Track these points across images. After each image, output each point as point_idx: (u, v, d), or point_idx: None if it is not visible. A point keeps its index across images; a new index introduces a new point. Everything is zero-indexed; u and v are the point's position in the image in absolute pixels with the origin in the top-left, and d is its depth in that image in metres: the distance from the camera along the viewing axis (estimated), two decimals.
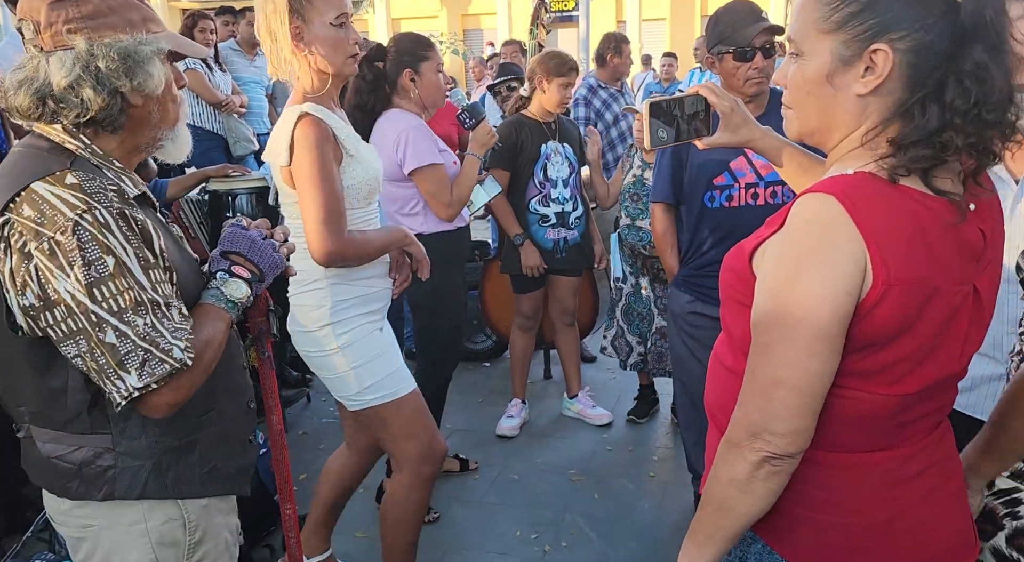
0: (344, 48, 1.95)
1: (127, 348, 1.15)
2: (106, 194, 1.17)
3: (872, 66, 0.98)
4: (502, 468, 3.29)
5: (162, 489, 1.31)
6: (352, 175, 1.98)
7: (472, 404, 3.94)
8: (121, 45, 1.20)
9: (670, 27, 19.11)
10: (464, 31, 21.33)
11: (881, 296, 0.94)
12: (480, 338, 4.44)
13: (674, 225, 2.51)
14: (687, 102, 1.31)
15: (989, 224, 1.06)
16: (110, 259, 1.15)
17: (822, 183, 1.00)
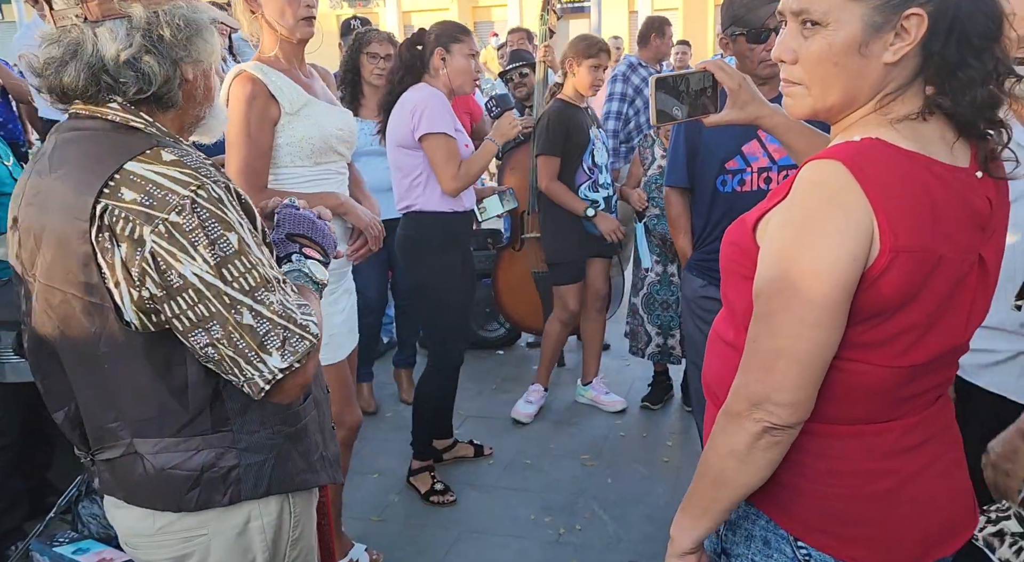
0: (293, 10, 1.98)
1: (265, 327, 1.06)
2: (207, 168, 1.07)
3: (902, 32, 0.96)
4: (516, 453, 3.31)
5: (286, 481, 1.23)
6: (292, 133, 2.03)
7: (486, 391, 3.96)
8: (182, 11, 1.10)
9: (683, 16, 18.98)
10: (475, 23, 21.28)
11: (888, 264, 0.93)
12: (493, 326, 4.45)
13: (688, 209, 2.51)
14: (694, 78, 1.29)
15: (995, 193, 1.05)
16: (232, 236, 1.05)
17: (829, 150, 0.98)
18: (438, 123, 2.67)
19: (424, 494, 2.96)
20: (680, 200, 2.51)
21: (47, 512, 2.31)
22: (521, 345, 4.56)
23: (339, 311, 2.24)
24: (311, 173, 2.11)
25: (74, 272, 1.07)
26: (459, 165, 2.72)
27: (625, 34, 18.71)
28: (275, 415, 1.20)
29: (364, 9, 21.80)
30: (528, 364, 4.31)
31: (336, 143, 2.12)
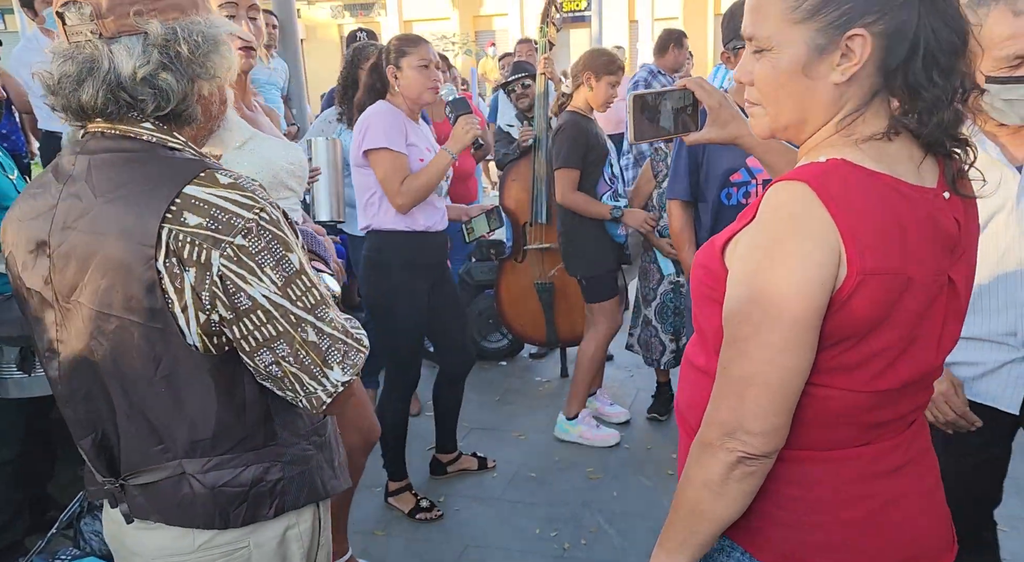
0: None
1: (327, 343, 1.10)
2: (260, 189, 1.09)
3: (848, 53, 0.95)
4: (520, 466, 3.29)
5: (320, 490, 1.25)
6: (237, 169, 1.89)
7: (489, 402, 3.94)
8: (199, 27, 1.09)
9: (683, 26, 19.02)
10: (476, 32, 21.34)
11: (856, 287, 0.91)
12: (496, 337, 4.44)
13: (692, 222, 2.51)
14: (673, 96, 1.29)
15: (963, 213, 1.03)
16: (293, 256, 1.08)
17: (794, 171, 0.96)
18: (379, 138, 2.63)
19: (408, 513, 2.93)
20: (683, 213, 2.51)
21: (48, 527, 2.29)
22: (524, 356, 4.54)
23: None
24: None
25: (137, 297, 1.06)
26: (401, 180, 2.64)
27: (626, 43, 18.77)
28: (308, 427, 1.24)
29: (366, 19, 21.88)
30: (531, 375, 4.30)
31: (286, 177, 1.99)
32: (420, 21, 21.25)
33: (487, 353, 4.42)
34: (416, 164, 2.70)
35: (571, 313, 3.92)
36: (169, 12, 1.08)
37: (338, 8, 21.46)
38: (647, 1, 18.22)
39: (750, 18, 1.02)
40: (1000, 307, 1.70)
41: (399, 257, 2.75)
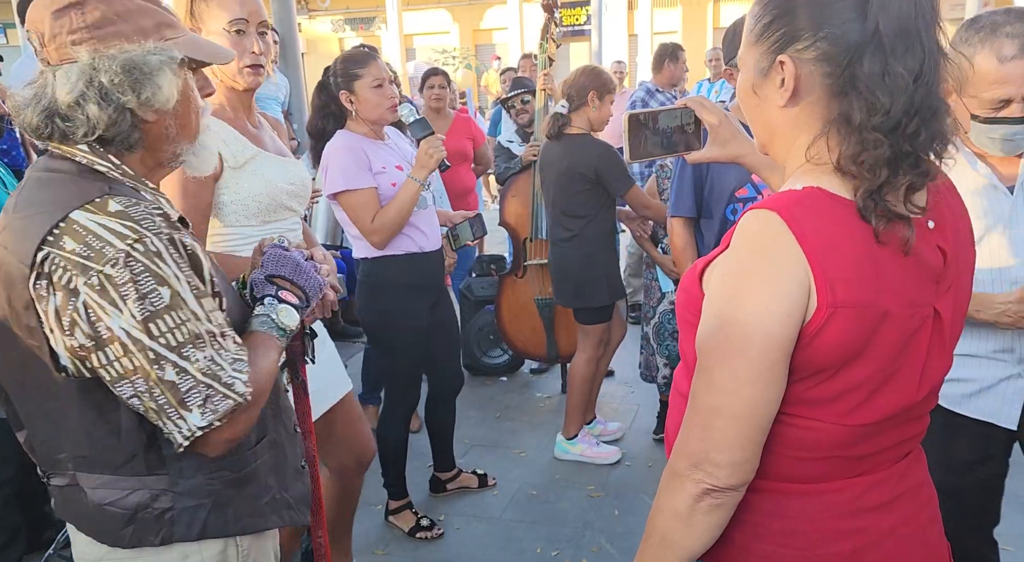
0: (237, 57, 1.80)
1: (188, 385, 1.07)
2: (153, 219, 1.09)
3: (784, 77, 0.95)
4: (521, 484, 3.27)
5: (222, 527, 1.22)
6: (237, 189, 1.86)
7: (489, 419, 3.92)
8: (126, 56, 1.10)
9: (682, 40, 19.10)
10: (476, 46, 21.44)
11: (826, 320, 0.89)
12: (496, 352, 4.43)
13: (694, 239, 2.50)
14: (672, 115, 1.27)
15: (952, 243, 1.00)
16: (165, 290, 1.06)
17: (768, 199, 0.94)
18: (337, 181, 2.54)
19: (409, 531, 2.91)
20: (685, 231, 2.50)
21: (46, 547, 2.28)
22: (524, 372, 4.53)
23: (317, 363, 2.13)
24: (259, 232, 1.91)
25: (19, 314, 1.09)
26: (371, 217, 2.55)
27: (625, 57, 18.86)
28: (215, 461, 1.20)
29: (366, 33, 21.98)
30: (531, 391, 4.28)
31: (286, 199, 1.95)
32: (420, 35, 21.37)
33: (487, 369, 4.40)
34: (388, 189, 2.59)
35: (571, 329, 3.90)
36: (110, 40, 1.11)
37: (339, 22, 21.58)
38: (646, 15, 18.31)
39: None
40: (991, 329, 1.71)
41: (395, 279, 2.70)
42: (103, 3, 1.11)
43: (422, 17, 21.24)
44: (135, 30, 1.12)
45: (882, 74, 0.89)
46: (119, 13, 1.12)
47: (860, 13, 0.90)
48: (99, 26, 1.10)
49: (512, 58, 18.06)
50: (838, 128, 0.92)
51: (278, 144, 2.07)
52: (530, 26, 19.44)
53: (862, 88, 0.90)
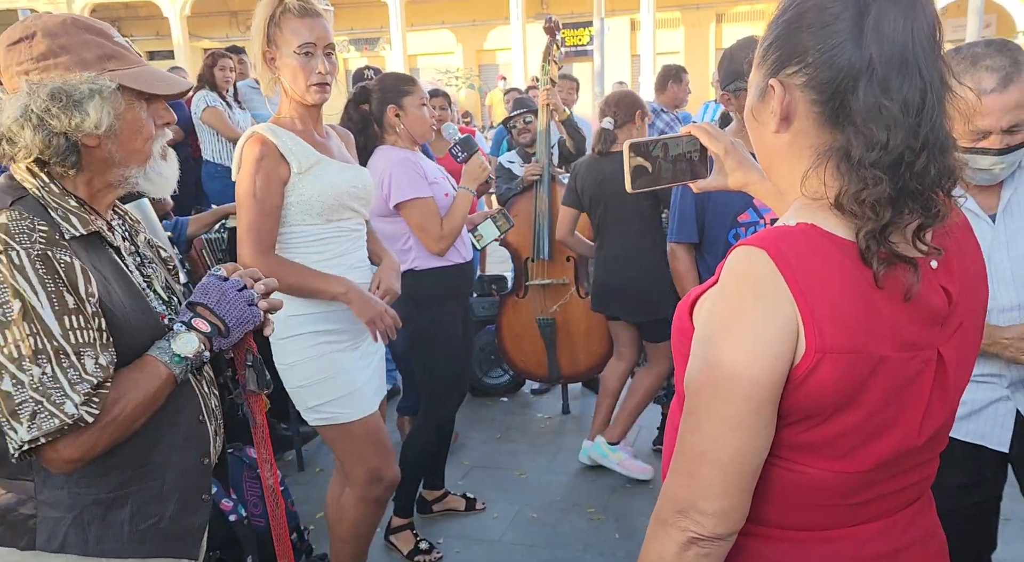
0: (305, 76, 2.01)
1: (21, 398, 1.10)
2: (31, 234, 1.14)
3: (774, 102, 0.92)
4: (521, 506, 3.24)
5: (82, 545, 1.22)
6: (302, 191, 2.04)
7: (490, 440, 3.89)
8: (53, 86, 1.18)
9: (684, 61, 19.27)
10: (479, 66, 21.63)
11: (815, 364, 0.84)
12: (497, 373, 4.41)
13: (695, 264, 2.49)
14: (675, 143, 1.23)
15: (958, 283, 0.94)
16: (16, 303, 1.10)
17: (758, 235, 0.90)
18: (407, 190, 2.65)
19: (407, 554, 2.87)
20: (687, 256, 2.49)
21: None
22: (525, 392, 4.50)
23: (366, 366, 2.22)
24: (322, 231, 2.11)
25: None
26: (439, 224, 2.69)
27: (628, 77, 18.98)
28: (81, 478, 1.22)
29: (371, 53, 22.17)
30: (532, 412, 4.26)
31: (349, 200, 2.12)
32: (424, 55, 21.55)
33: (488, 389, 4.38)
34: (442, 199, 2.74)
35: (573, 349, 3.89)
36: (51, 71, 1.20)
37: (343, 42, 21.76)
38: (648, 36, 18.45)
39: None
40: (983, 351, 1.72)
41: (438, 291, 2.78)
42: (49, 37, 1.20)
43: (426, 37, 21.43)
44: (77, 62, 1.21)
45: (877, 106, 0.84)
46: (63, 46, 1.20)
47: (854, 40, 0.86)
48: (43, 58, 1.20)
49: (515, 78, 18.21)
50: (836, 162, 0.88)
51: (344, 152, 2.26)
52: (533, 47, 19.60)
53: (857, 121, 0.86)
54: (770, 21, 0.95)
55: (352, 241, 2.18)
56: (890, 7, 0.84)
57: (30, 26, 1.21)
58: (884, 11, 0.85)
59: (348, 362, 2.18)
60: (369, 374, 2.23)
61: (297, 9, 2.00)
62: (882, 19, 0.84)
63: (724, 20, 19.97)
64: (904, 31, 0.84)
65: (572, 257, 3.78)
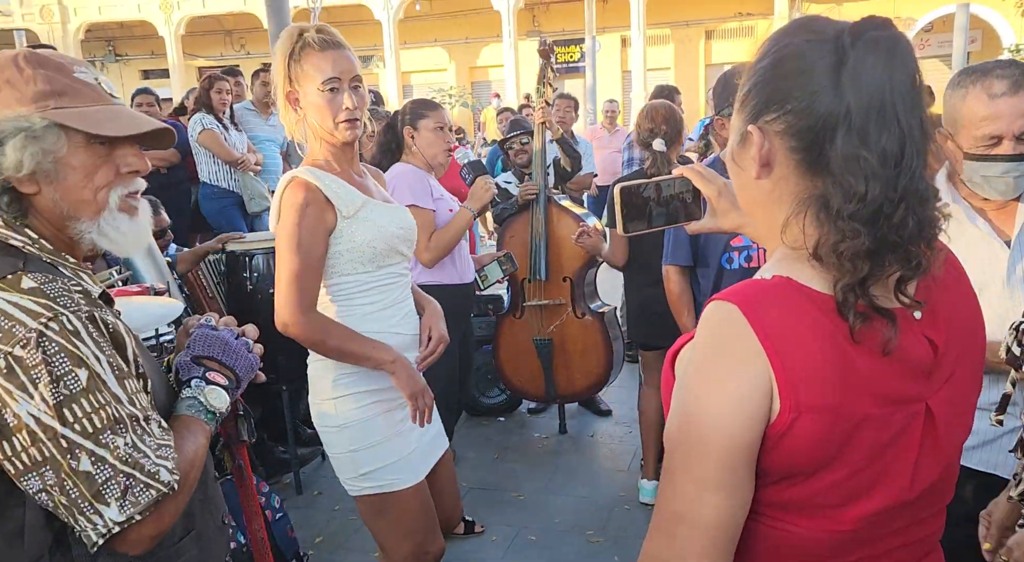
0: (332, 113, 1.86)
1: (106, 475, 0.99)
2: (71, 296, 1.03)
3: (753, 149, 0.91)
4: (519, 528, 3.23)
5: None
6: (351, 238, 1.90)
7: (487, 461, 3.89)
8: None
9: (675, 77, 19.41)
10: (472, 83, 21.74)
11: (791, 423, 0.82)
12: (494, 392, 4.41)
13: (690, 286, 2.51)
14: (667, 184, 1.20)
15: (944, 331, 0.91)
16: (82, 372, 1.00)
17: (732, 288, 0.88)
18: (405, 196, 2.75)
19: None
20: (681, 279, 2.51)
21: None
22: (522, 411, 4.50)
23: (411, 426, 2.01)
24: (374, 279, 1.96)
25: None
26: (429, 235, 2.78)
27: (619, 94, 19.11)
28: (135, 560, 1.09)
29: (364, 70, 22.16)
30: (529, 431, 4.25)
31: (398, 243, 1.99)
32: (417, 72, 21.66)
33: (485, 409, 4.37)
34: (445, 215, 2.86)
35: (570, 369, 3.90)
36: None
37: None
38: (639, 52, 18.60)
39: None
40: (992, 380, 1.71)
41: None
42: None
43: (419, 55, 21.56)
44: (16, 98, 1.08)
45: (855, 156, 0.82)
46: (7, 80, 1.09)
47: (833, 87, 0.84)
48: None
49: (508, 94, 18.31)
50: (816, 212, 0.86)
51: (382, 191, 2.11)
52: (525, 64, 19.74)
53: (835, 171, 0.84)
54: (749, 65, 0.93)
55: (402, 288, 2.04)
56: (868, 55, 0.83)
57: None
58: (862, 59, 0.83)
59: (402, 423, 2.02)
60: (419, 433, 2.05)
61: (318, 42, 1.86)
62: (860, 67, 0.83)
63: (714, 37, 20.15)
64: (882, 80, 0.83)
65: (569, 277, 3.80)
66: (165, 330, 2.57)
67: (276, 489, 3.24)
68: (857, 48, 0.83)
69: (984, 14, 16.06)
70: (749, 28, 19.54)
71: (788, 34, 0.89)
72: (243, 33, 21.61)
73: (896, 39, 0.84)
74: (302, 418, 3.83)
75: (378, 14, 19.85)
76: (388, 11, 19.77)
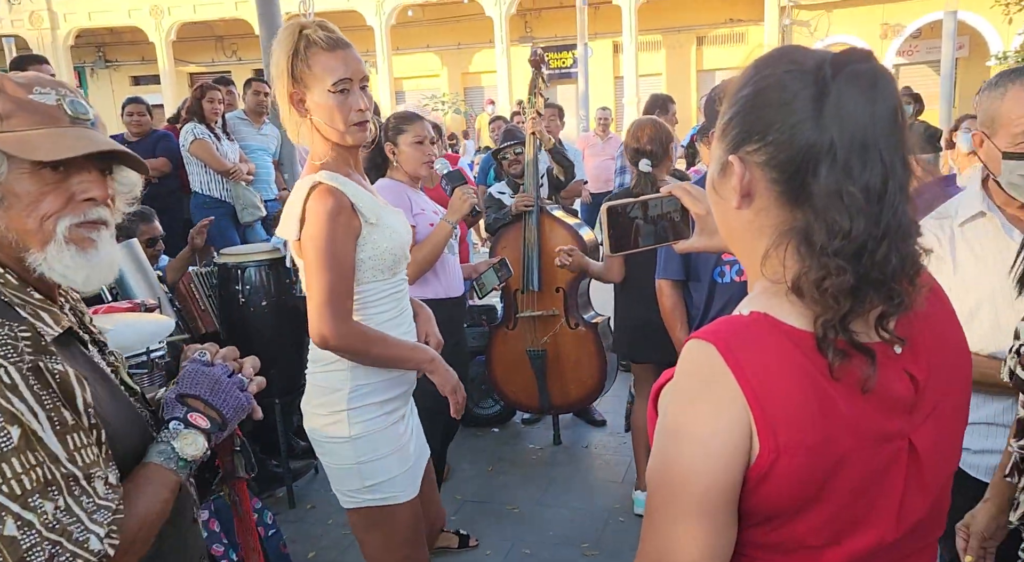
0: (343, 115, 1.79)
1: (31, 541, 0.92)
2: (15, 345, 0.97)
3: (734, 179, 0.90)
4: (514, 541, 3.22)
5: None
6: (375, 245, 1.85)
7: (481, 474, 3.87)
8: None
9: (666, 83, 19.48)
10: (465, 89, 21.75)
11: (771, 465, 0.81)
12: (488, 403, 4.40)
13: (683, 300, 2.52)
14: (655, 203, 1.18)
15: (926, 367, 0.89)
16: (15, 429, 0.94)
17: (712, 327, 0.87)
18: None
19: None
20: (674, 292, 2.52)
21: None
22: (516, 422, 4.49)
23: (412, 435, 2.02)
24: (389, 286, 1.92)
25: None
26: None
27: (611, 100, 19.16)
28: None
29: None
30: (524, 442, 4.25)
31: (408, 250, 1.97)
32: (410, 78, 21.66)
33: (479, 420, 4.36)
34: (426, 229, 2.83)
35: (563, 380, 3.90)
36: None
37: None
38: (631, 58, 18.65)
39: None
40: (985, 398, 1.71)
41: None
42: None
43: (411, 61, 21.55)
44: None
45: (840, 191, 0.82)
46: None
47: (814, 119, 0.83)
48: None
49: (501, 100, 18.33)
50: (796, 245, 0.85)
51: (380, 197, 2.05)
52: (518, 69, 19.78)
53: (818, 205, 0.83)
54: (730, 93, 0.92)
55: (407, 295, 2.03)
56: (851, 88, 0.82)
57: None
58: (845, 92, 0.82)
59: (403, 433, 1.99)
60: (415, 446, 2.05)
61: (325, 41, 1.76)
62: (842, 101, 0.82)
63: (704, 43, 20.22)
64: (865, 114, 0.82)
65: (562, 288, 3.80)
66: (156, 346, 2.55)
67: (268, 503, 3.22)
68: (839, 81, 0.82)
69: (972, 20, 16.17)
70: (740, 35, 19.62)
71: (769, 64, 0.88)
72: (235, 39, 21.56)
73: (878, 72, 0.83)
74: (294, 431, 3.81)
75: (370, 20, 19.85)
76: (380, 17, 19.77)
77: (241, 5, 19.30)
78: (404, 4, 19.85)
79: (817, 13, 17.88)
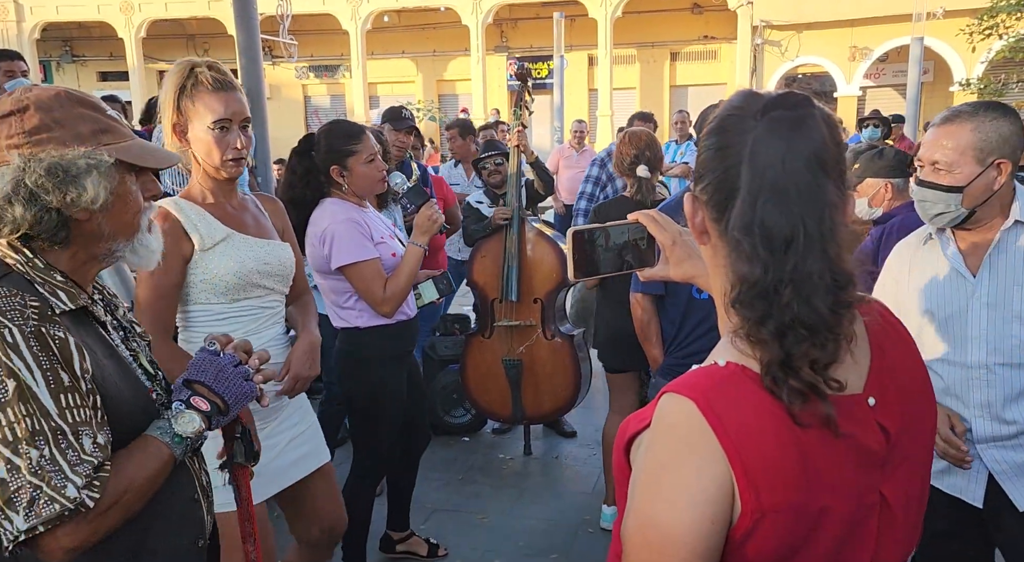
0: (219, 152, 1.93)
1: (17, 484, 1.05)
2: (23, 311, 1.10)
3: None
4: (484, 552, 3.21)
5: None
6: (206, 269, 1.95)
7: (452, 482, 3.87)
8: (51, 160, 1.15)
9: (639, 96, 19.68)
10: (439, 96, 21.74)
11: (753, 526, 0.80)
12: (459, 412, 4.39)
13: (657, 315, 2.53)
14: (621, 230, 1.17)
15: (898, 419, 0.89)
16: (11, 382, 1.06)
17: (689, 380, 0.85)
18: (351, 252, 2.54)
19: None
20: (650, 306, 2.52)
21: None
22: (487, 432, 4.49)
23: (272, 445, 2.06)
24: (227, 310, 2.01)
25: None
26: (383, 286, 2.57)
27: (584, 112, 19.29)
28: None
29: (331, 80, 22.11)
30: (495, 452, 4.24)
31: (260, 278, 2.02)
32: (384, 83, 21.58)
33: (450, 428, 4.35)
34: (388, 259, 2.62)
35: (538, 390, 3.91)
36: (44, 145, 1.16)
37: (303, 69, 21.67)
38: (606, 71, 18.82)
39: None
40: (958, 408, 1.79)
41: (380, 351, 2.68)
42: (42, 111, 1.17)
43: (386, 66, 21.48)
44: (72, 136, 1.18)
45: (736, 239, 0.83)
46: (57, 120, 1.18)
47: (740, 164, 0.84)
48: (36, 132, 1.16)
49: (475, 109, 18.34)
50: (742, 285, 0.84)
51: (263, 225, 2.14)
52: (493, 78, 19.82)
53: (730, 248, 0.85)
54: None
55: (263, 320, 2.07)
56: (767, 133, 0.82)
57: (21, 99, 1.18)
58: (760, 137, 0.83)
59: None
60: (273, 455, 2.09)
61: (212, 83, 1.91)
62: (757, 145, 0.82)
63: (679, 58, 20.48)
64: (775, 161, 0.81)
65: (540, 299, 3.82)
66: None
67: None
68: (759, 126, 0.84)
69: (937, 47, 16.60)
70: (713, 52, 19.91)
71: (728, 105, 0.90)
72: (206, 38, 21.27)
73: (802, 119, 0.83)
74: None
75: (346, 24, 19.76)
76: (356, 21, 19.69)
77: (214, 4, 19.09)
78: (381, 9, 19.81)
79: (788, 34, 18.21)
